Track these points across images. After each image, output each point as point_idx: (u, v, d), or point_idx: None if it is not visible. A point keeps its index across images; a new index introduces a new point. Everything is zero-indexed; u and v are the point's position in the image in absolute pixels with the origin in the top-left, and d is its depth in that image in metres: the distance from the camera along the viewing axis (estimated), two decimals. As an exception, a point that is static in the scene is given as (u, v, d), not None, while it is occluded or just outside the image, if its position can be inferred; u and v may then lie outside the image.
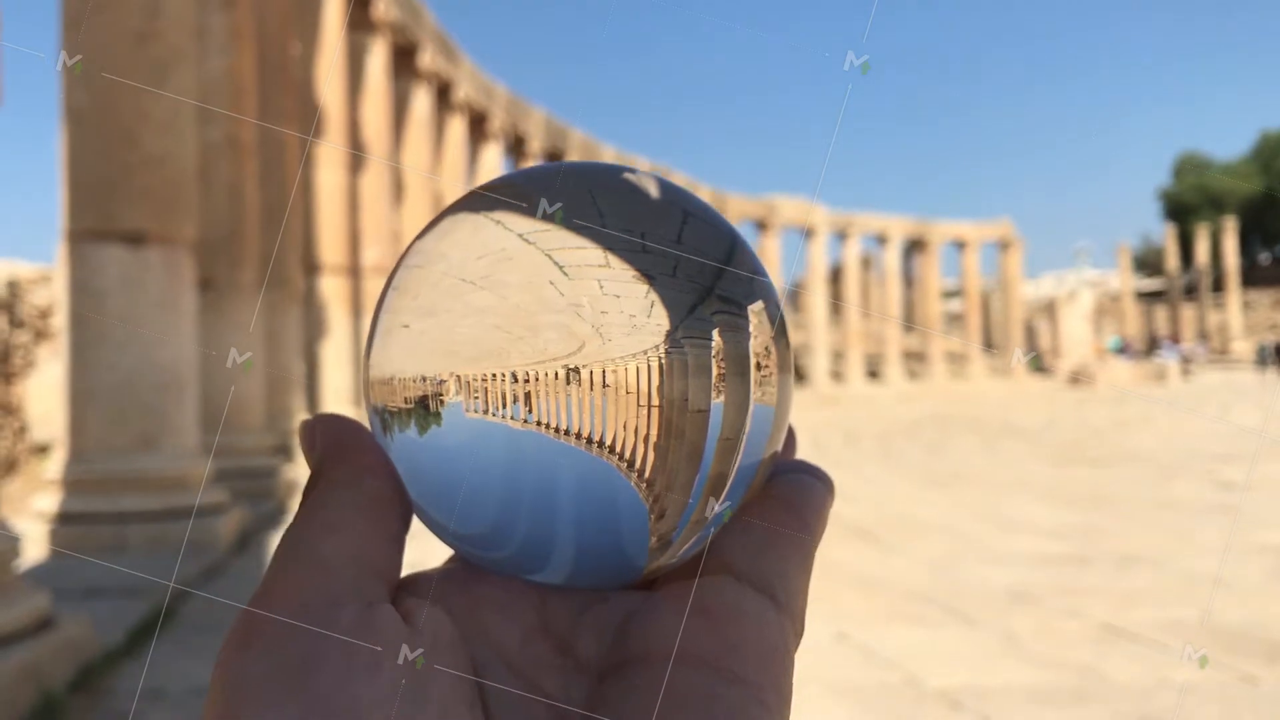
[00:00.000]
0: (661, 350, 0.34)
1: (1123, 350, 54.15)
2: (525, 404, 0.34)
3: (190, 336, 7.90)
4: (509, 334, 0.34)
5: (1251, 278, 74.64)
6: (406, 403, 0.35)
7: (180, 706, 4.61)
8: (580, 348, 0.33)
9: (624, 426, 0.34)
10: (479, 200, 0.37)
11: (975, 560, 8.00)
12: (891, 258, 46.93)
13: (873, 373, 45.84)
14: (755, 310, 0.35)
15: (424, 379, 0.35)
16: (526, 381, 0.34)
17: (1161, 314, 69.79)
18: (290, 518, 0.36)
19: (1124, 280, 69.14)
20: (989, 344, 56.37)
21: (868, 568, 7.74)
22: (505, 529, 0.35)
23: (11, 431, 12.15)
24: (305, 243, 14.81)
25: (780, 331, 0.36)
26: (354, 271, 16.88)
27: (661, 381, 0.34)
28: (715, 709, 0.32)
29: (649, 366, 0.34)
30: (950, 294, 67.85)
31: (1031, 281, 78.63)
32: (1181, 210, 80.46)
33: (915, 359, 49.31)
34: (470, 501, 0.36)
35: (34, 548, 7.11)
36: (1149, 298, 76.12)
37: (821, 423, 25.46)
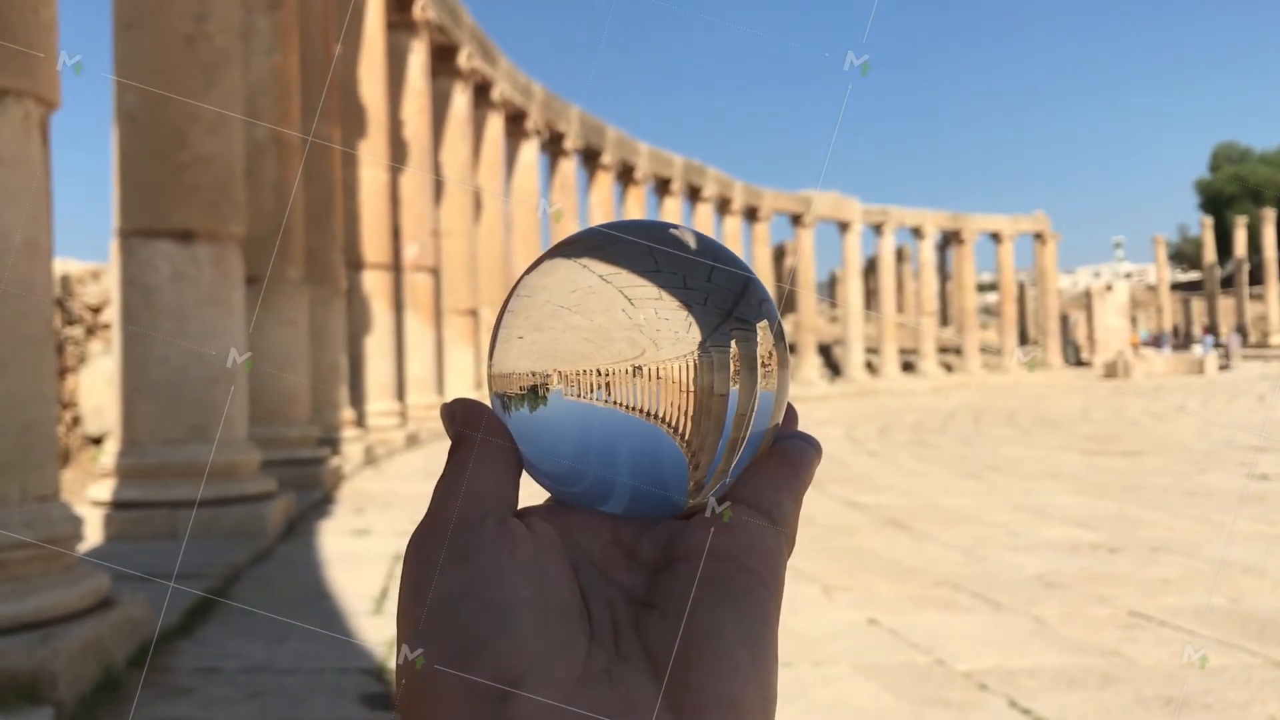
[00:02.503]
0: (696, 354, 0.49)
1: (1152, 342, 53.61)
2: (606, 390, 0.49)
3: (239, 331, 8.13)
4: (594, 344, 0.49)
5: (1291, 269, 73.61)
6: (521, 390, 0.51)
7: (234, 683, 4.80)
8: (642, 353, 0.49)
9: (671, 405, 0.49)
10: (568, 249, 0.53)
11: (1006, 548, 8.09)
12: (926, 251, 46.74)
13: (908, 365, 45.69)
14: (761, 326, 0.51)
15: (534, 374, 0.50)
16: (606, 375, 0.49)
17: (1199, 306, 69.06)
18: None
19: (1160, 272, 68.48)
20: (1024, 337, 56.04)
21: (900, 555, 7.86)
22: (590, 475, 0.51)
23: (65, 424, 12.46)
24: (348, 239, 15.05)
25: (779, 339, 0.53)
26: (395, 267, 17.11)
27: (696, 375, 0.49)
28: (733, 586, 0.49)
29: (688, 365, 0.49)
30: (985, 287, 67.49)
31: (1067, 274, 77.93)
32: (1219, 201, 79.40)
33: (951, 352, 49.10)
34: (564, 455, 0.51)
35: (91, 533, 7.34)
36: (1186, 289, 75.31)
37: (857, 414, 25.48)
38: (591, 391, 0.49)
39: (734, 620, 0.47)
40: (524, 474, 0.53)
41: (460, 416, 0.53)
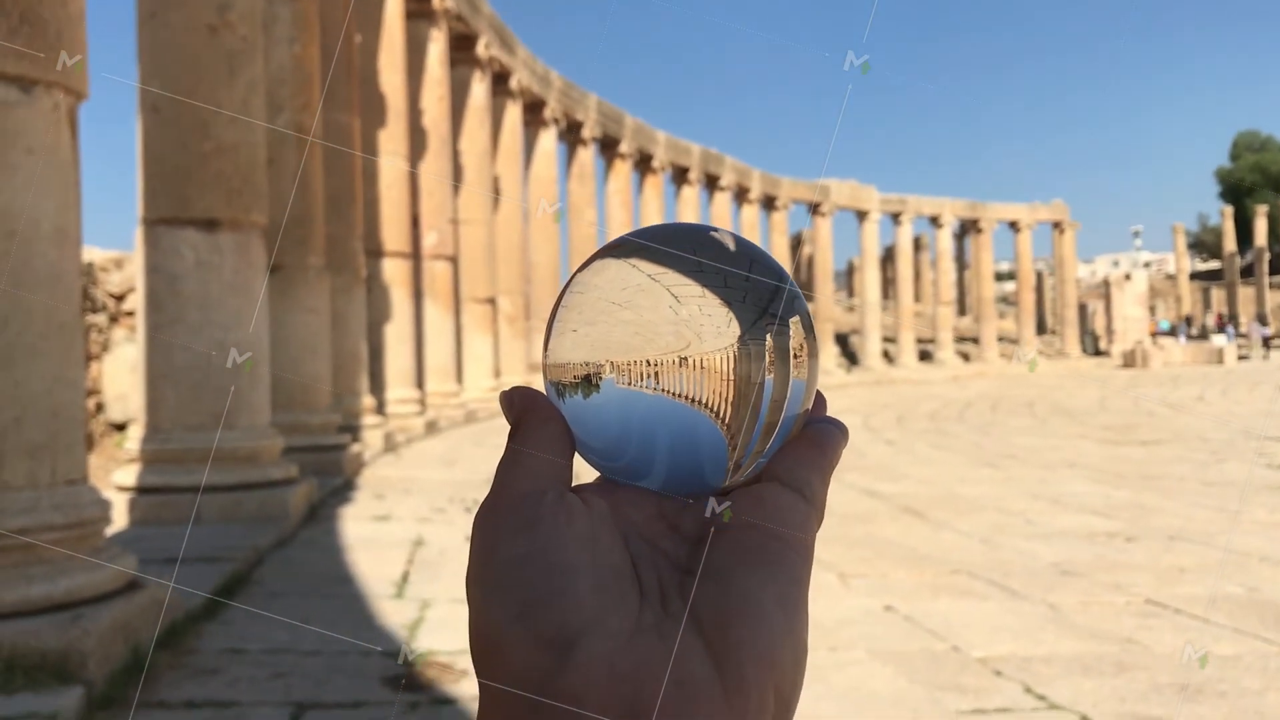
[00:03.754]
0: (735, 347, 0.53)
1: (1170, 332, 53.34)
2: (654, 379, 0.53)
3: (262, 319, 8.22)
4: (643, 337, 0.53)
5: (1312, 259, 73.15)
6: (575, 379, 0.55)
7: (259, 664, 4.88)
8: (687, 345, 0.53)
9: (713, 393, 0.53)
10: (617, 250, 0.57)
11: (1023, 536, 8.12)
12: (944, 240, 46.60)
13: (925, 355, 45.60)
14: (793, 322, 0.55)
15: (588, 364, 0.55)
16: (655, 365, 0.53)
17: (1218, 295, 68.66)
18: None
19: (1179, 261, 68.09)
20: (1042, 326, 55.82)
21: (916, 543, 7.90)
22: (641, 456, 0.56)
23: (89, 410, 12.58)
24: (368, 228, 15.13)
25: (809, 333, 0.58)
26: (414, 256, 17.17)
27: (736, 365, 0.53)
28: (767, 553, 0.54)
29: (728, 356, 0.53)
30: (1003, 276, 67.23)
31: (1085, 264, 77.52)
32: (1239, 190, 78.89)
33: (968, 341, 48.97)
34: (614, 436, 0.56)
35: (116, 517, 7.43)
36: (1206, 279, 74.88)
37: (874, 403, 25.48)
38: (641, 380, 0.54)
39: (769, 583, 0.52)
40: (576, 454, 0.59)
41: (519, 403, 0.58)
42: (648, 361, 0.54)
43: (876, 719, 4.08)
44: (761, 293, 0.55)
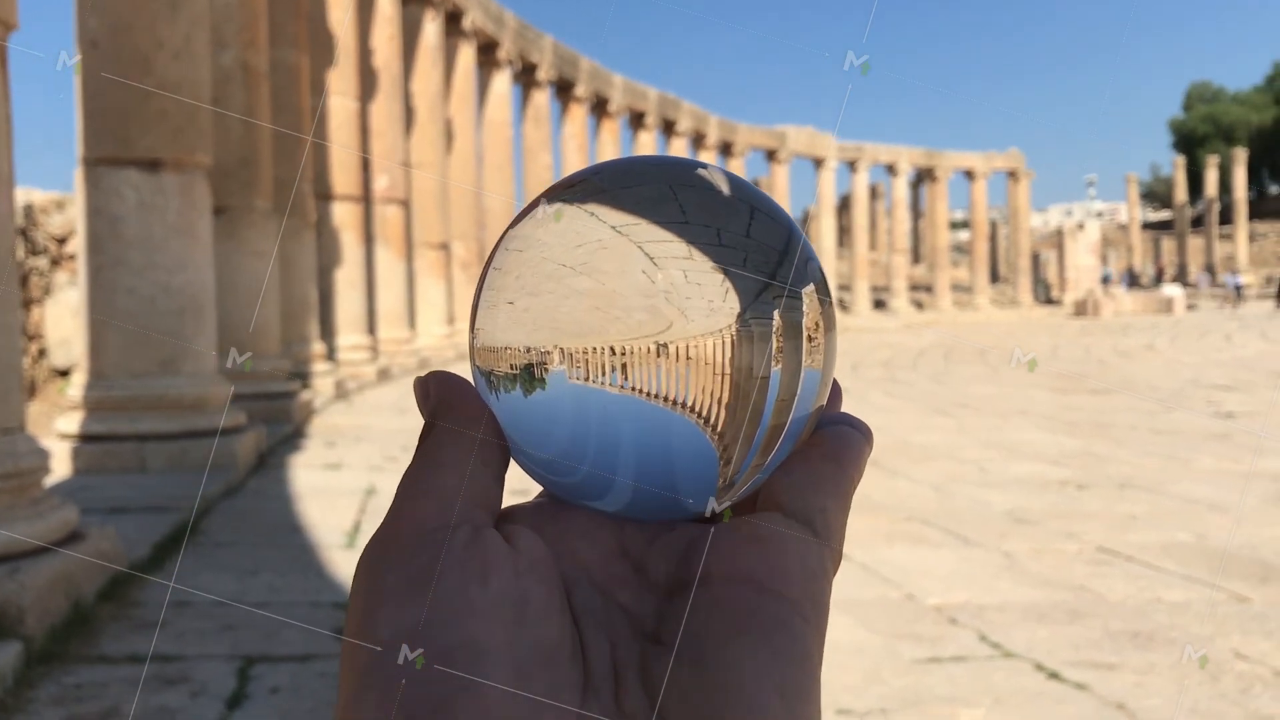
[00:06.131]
0: (734, 329, 0.41)
1: (1106, 280, 53.80)
2: (622, 373, 0.40)
3: (207, 261, 8.01)
4: (607, 314, 0.41)
5: (1259, 209, 74.20)
6: (513, 369, 0.42)
7: (206, 616, 4.78)
8: (669, 326, 0.40)
9: (702, 391, 0.41)
10: (570, 191, 0.43)
11: (976, 485, 8.16)
12: (900, 188, 46.71)
13: (879, 303, 45.83)
14: (808, 292, 0.42)
15: (529, 349, 0.42)
16: (623, 354, 0.40)
17: (1169, 245, 69.47)
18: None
19: (1132, 211, 68.77)
20: (996, 275, 56.25)
21: (870, 491, 7.90)
22: (600, 471, 0.42)
23: (31, 356, 12.32)
24: (318, 170, 14.85)
25: (826, 303, 0.44)
26: (365, 199, 16.91)
27: (733, 354, 0.41)
28: (763, 620, 0.39)
29: (723, 342, 0.41)
30: (958, 225, 67.60)
31: (1039, 213, 78.14)
32: (1191, 141, 79.68)
33: (922, 289, 49.26)
34: (567, 448, 0.43)
35: (59, 466, 7.28)
36: (1157, 229, 75.72)
37: (827, 352, 25.48)
38: (603, 374, 0.41)
39: (766, 663, 0.39)
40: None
41: (436, 394, 0.45)
42: (612, 349, 0.41)
43: (836, 668, 4.05)
44: (767, 252, 0.42)
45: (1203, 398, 14.29)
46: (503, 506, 0.45)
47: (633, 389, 0.41)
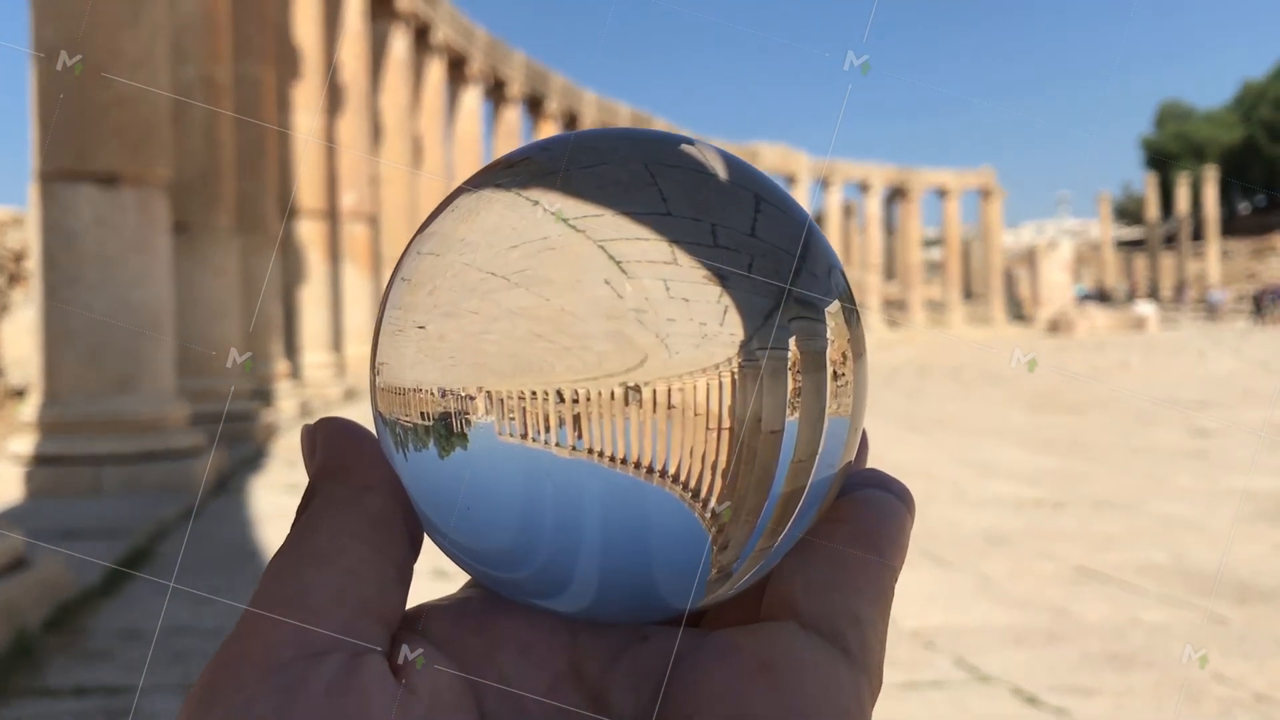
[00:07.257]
0: (735, 363, 0.29)
1: (1086, 298, 54.18)
2: (574, 428, 0.29)
3: (166, 279, 7.84)
4: (553, 343, 0.29)
5: (1231, 227, 74.88)
6: (424, 418, 0.30)
7: (157, 645, 4.64)
8: (642, 361, 0.29)
9: (690, 453, 0.29)
10: (507, 173, 0.32)
11: (951, 504, 8.07)
12: (873, 206, 46.93)
13: (853, 320, 46.00)
14: (832, 312, 0.31)
15: (445, 393, 0.30)
16: (575, 402, 0.29)
17: (1141, 263, 70.02)
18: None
19: (1104, 229, 69.31)
20: (969, 292, 56.53)
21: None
22: (546, 563, 0.31)
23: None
24: (282, 187, 14.69)
25: (854, 324, 0.33)
26: (332, 216, 16.76)
27: (734, 400, 0.29)
28: None
29: (720, 383, 0.29)
30: (931, 242, 67.93)
31: (1011, 230, 78.73)
32: (1163, 159, 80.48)
33: (895, 306, 49.44)
34: (495, 527, 0.31)
35: (10, 490, 7.09)
36: (1129, 246, 76.36)
37: (801, 370, 25.52)
38: (548, 430, 0.29)
39: None
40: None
41: (324, 448, 0.32)
42: (560, 393, 0.29)
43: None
44: (779, 256, 0.30)
45: (1178, 416, 14.29)
46: (408, 606, 0.31)
47: (589, 450, 0.29)
